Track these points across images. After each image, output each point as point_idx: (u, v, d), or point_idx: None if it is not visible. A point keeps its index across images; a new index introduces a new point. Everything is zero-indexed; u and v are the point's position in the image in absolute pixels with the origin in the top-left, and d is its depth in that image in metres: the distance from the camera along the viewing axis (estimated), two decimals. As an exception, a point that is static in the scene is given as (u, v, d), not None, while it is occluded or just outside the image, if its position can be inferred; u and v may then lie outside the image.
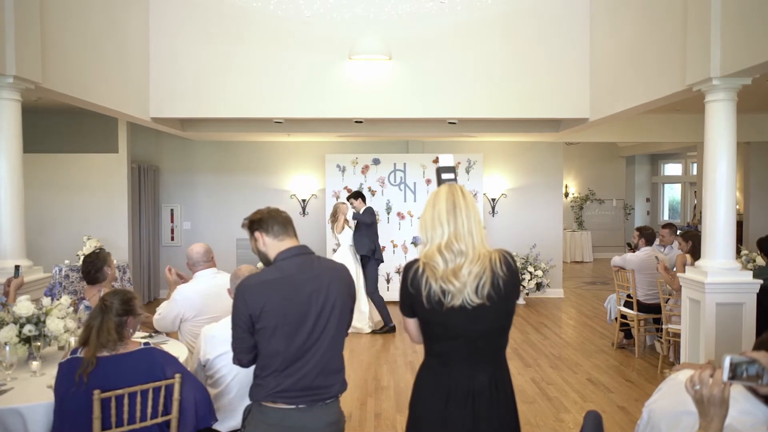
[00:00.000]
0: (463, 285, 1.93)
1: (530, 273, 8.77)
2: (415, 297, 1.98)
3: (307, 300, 2.20)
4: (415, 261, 2.01)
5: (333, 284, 2.26)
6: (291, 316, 2.17)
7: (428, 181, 9.20)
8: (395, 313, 7.19)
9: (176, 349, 3.30)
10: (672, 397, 2.03)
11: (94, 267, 4.00)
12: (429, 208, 2.03)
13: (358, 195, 7.39)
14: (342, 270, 2.38)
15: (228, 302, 3.28)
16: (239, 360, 2.28)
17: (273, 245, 2.29)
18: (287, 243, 2.30)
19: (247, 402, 2.90)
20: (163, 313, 3.71)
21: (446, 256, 1.95)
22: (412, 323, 2.06)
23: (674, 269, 5.90)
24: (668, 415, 1.98)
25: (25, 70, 4.12)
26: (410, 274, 1.99)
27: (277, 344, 2.16)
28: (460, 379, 1.99)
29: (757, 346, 1.84)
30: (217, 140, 9.40)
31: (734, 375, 1.49)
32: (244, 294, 2.18)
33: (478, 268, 1.94)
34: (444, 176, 2.15)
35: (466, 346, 1.98)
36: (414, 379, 2.14)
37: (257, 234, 2.32)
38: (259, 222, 2.31)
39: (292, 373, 2.18)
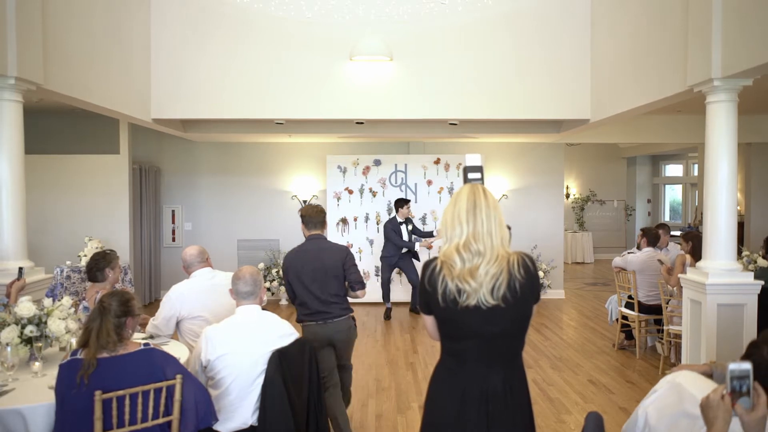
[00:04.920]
0: (479, 285, 1.92)
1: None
2: (431, 295, 1.99)
3: (312, 263, 3.87)
4: (434, 259, 2.02)
5: (325, 254, 3.90)
6: (306, 273, 3.88)
7: (429, 182, 9.20)
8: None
9: (177, 350, 3.31)
10: (670, 399, 2.04)
11: (96, 266, 4.03)
12: (450, 207, 2.03)
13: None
14: (336, 248, 3.99)
15: (228, 302, 3.30)
16: (291, 298, 3.99)
17: (305, 232, 4.02)
18: (313, 232, 3.99)
19: (247, 403, 2.96)
20: (158, 317, 3.71)
21: (464, 256, 1.95)
22: (430, 320, 2.07)
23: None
24: (667, 418, 1.99)
25: (26, 72, 4.12)
26: (428, 272, 2.00)
27: (299, 289, 3.89)
28: (474, 379, 1.99)
29: (757, 347, 1.83)
30: (219, 141, 9.40)
31: (732, 390, 1.53)
32: (286, 261, 3.95)
33: (495, 269, 1.93)
34: (470, 176, 2.12)
35: (480, 346, 1.98)
36: (429, 379, 2.15)
37: (302, 225, 4.03)
38: (302, 217, 4.03)
39: (306, 304, 3.90)
